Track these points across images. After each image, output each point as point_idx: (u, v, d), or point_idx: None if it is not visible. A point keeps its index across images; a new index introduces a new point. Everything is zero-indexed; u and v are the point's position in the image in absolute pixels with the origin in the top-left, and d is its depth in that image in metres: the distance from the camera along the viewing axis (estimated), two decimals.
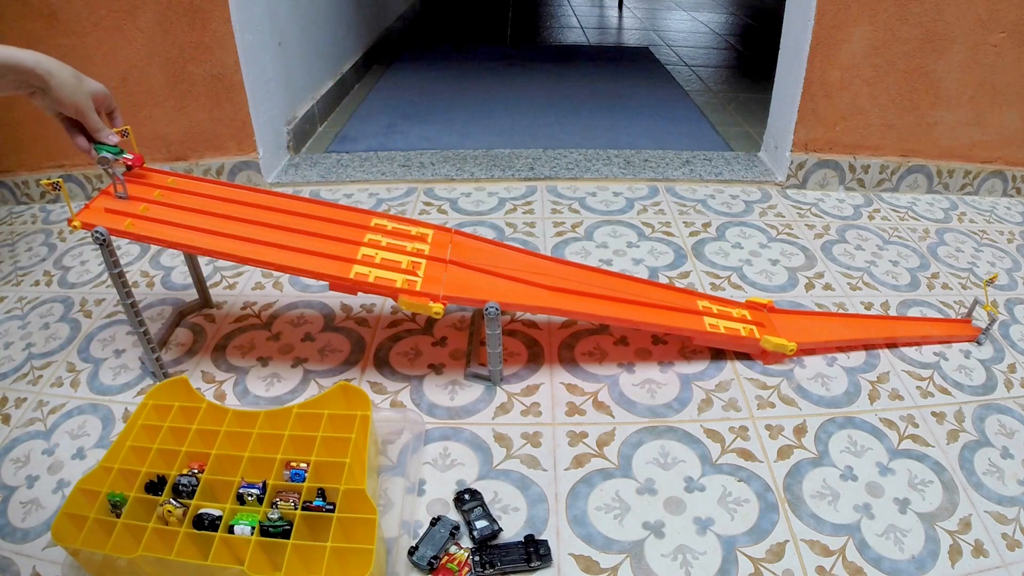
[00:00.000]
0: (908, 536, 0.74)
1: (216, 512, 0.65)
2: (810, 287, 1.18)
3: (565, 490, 0.79)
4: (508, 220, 1.38)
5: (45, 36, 1.33)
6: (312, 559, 0.62)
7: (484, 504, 0.76)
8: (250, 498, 0.67)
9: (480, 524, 0.73)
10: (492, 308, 0.85)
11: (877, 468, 0.83)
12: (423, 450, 0.84)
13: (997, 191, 1.54)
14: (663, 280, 1.19)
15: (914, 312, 1.13)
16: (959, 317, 1.11)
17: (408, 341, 1.04)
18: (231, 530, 0.64)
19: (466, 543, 0.72)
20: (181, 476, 0.69)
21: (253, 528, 0.63)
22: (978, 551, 0.73)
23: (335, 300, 1.13)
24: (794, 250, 1.29)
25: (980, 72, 1.39)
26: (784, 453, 0.84)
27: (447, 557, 0.70)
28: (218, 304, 1.13)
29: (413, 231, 0.96)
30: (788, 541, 0.74)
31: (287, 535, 0.63)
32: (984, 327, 1.05)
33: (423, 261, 0.90)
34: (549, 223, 1.37)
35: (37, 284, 1.23)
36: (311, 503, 0.66)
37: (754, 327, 0.99)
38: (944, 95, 1.42)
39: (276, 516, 0.65)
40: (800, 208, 1.46)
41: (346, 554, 0.62)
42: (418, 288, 0.85)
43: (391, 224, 0.96)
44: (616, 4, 3.86)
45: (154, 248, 1.31)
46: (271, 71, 1.54)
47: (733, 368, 0.98)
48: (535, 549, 0.71)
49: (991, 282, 1.16)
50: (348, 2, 2.20)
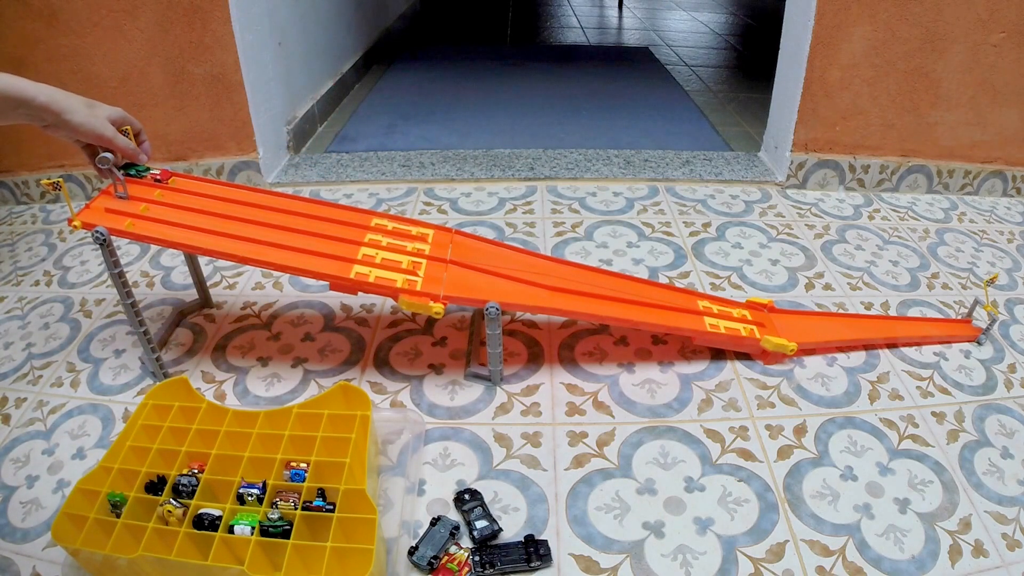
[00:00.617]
0: (908, 536, 0.74)
1: (216, 512, 0.65)
2: (810, 287, 1.18)
3: (565, 490, 0.79)
4: (508, 220, 1.38)
5: (45, 36, 1.33)
6: (312, 559, 0.62)
7: (484, 504, 0.76)
8: (250, 498, 0.67)
9: (480, 524, 0.73)
10: (492, 308, 0.85)
11: (877, 468, 0.83)
12: (423, 450, 0.84)
13: (997, 191, 1.54)
14: (663, 280, 1.19)
15: (914, 312, 1.13)
16: (959, 317, 1.11)
17: (408, 341, 1.04)
18: (231, 530, 0.64)
19: (466, 543, 0.72)
20: (181, 476, 0.69)
21: (253, 528, 0.63)
22: (978, 551, 0.73)
23: (335, 300, 1.13)
24: (794, 250, 1.29)
25: (980, 72, 1.39)
26: (784, 453, 0.84)
27: (447, 557, 0.70)
28: (218, 304, 1.13)
29: (413, 231, 0.96)
30: (788, 541, 0.74)
31: (287, 535, 0.63)
32: (984, 327, 1.05)
33: (423, 261, 0.90)
34: (549, 223, 1.37)
35: (37, 284, 1.23)
36: (311, 503, 0.66)
37: (754, 327, 0.99)
38: (944, 95, 1.42)
39: (276, 516, 0.65)
40: (800, 208, 1.46)
41: (346, 554, 0.62)
42: (418, 288, 0.85)
43: (391, 224, 0.96)
44: (616, 4, 3.86)
45: (154, 248, 1.31)
46: (271, 71, 1.54)
47: (733, 368, 0.98)
48: (535, 549, 0.71)
49: (991, 282, 1.16)
50: (348, 2, 2.20)
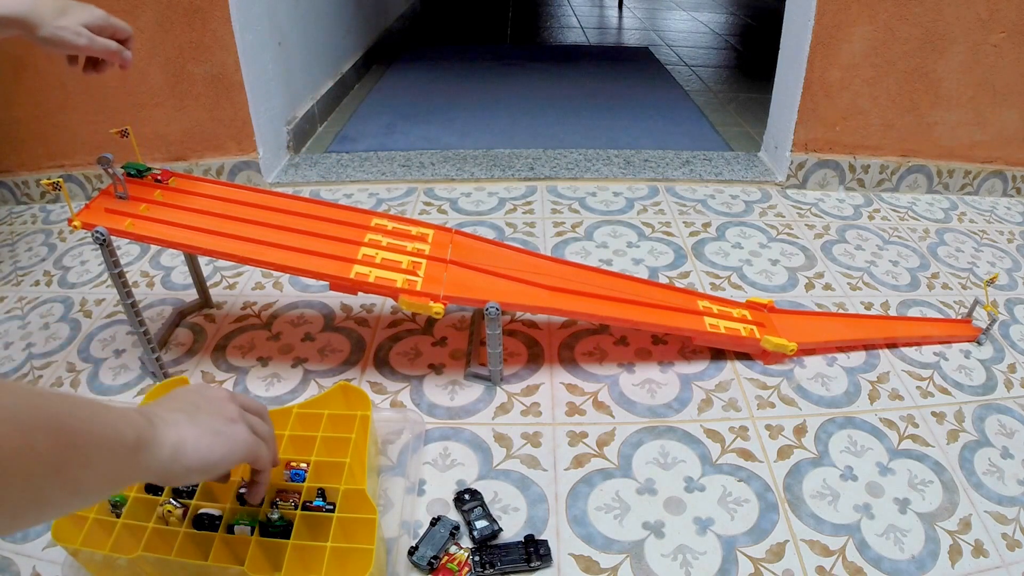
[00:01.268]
0: (908, 536, 0.74)
1: (216, 512, 0.65)
2: (810, 287, 1.18)
3: (565, 490, 0.79)
4: (508, 220, 1.38)
5: None
6: (312, 559, 0.62)
7: (484, 504, 0.76)
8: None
9: (480, 524, 0.73)
10: (492, 308, 0.85)
11: (877, 468, 0.83)
12: (423, 450, 0.84)
13: (997, 191, 1.54)
14: (663, 280, 1.19)
15: (914, 312, 1.13)
16: (959, 317, 1.11)
17: (408, 341, 1.04)
18: (231, 530, 0.64)
19: (466, 543, 0.72)
20: None
21: (253, 528, 0.63)
22: (978, 551, 0.73)
23: (335, 300, 1.13)
24: (794, 250, 1.29)
25: (980, 72, 1.39)
26: (784, 453, 0.84)
27: (447, 557, 0.70)
28: (218, 304, 1.13)
29: (413, 231, 0.96)
30: (788, 541, 0.74)
31: (287, 535, 0.63)
32: (984, 327, 1.05)
33: (423, 261, 0.90)
34: (549, 223, 1.37)
35: (37, 284, 1.23)
36: (311, 503, 0.66)
37: (754, 327, 0.99)
38: (944, 95, 1.42)
39: (276, 516, 0.65)
40: (800, 208, 1.45)
41: (346, 554, 0.62)
42: (418, 288, 0.85)
43: (391, 224, 0.96)
44: (616, 4, 3.86)
45: (154, 248, 1.31)
46: (271, 71, 1.54)
47: (733, 368, 0.98)
48: (535, 549, 0.71)
49: (991, 282, 1.16)
50: (348, 2, 2.20)
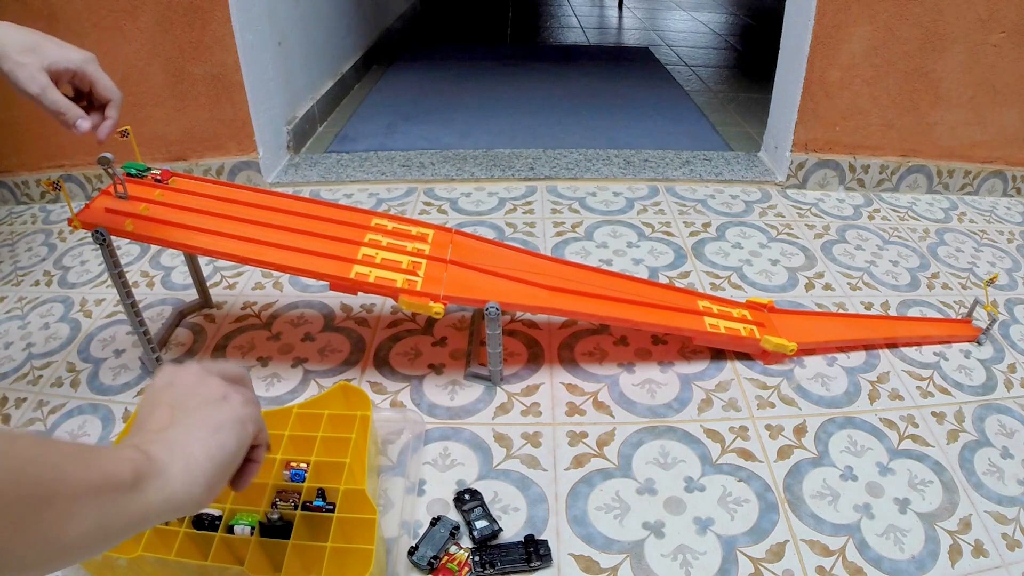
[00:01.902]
0: (908, 536, 0.74)
1: (216, 512, 0.65)
2: (810, 287, 1.18)
3: (565, 490, 0.79)
4: (508, 220, 1.38)
5: None
6: (312, 559, 0.62)
7: (484, 504, 0.76)
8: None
9: (480, 524, 0.73)
10: (492, 308, 0.85)
11: (877, 468, 0.83)
12: (423, 450, 0.84)
13: (997, 191, 1.54)
14: (663, 280, 1.19)
15: (914, 312, 1.13)
16: (959, 317, 1.11)
17: (408, 341, 1.04)
18: (231, 530, 0.64)
19: (466, 543, 0.72)
20: None
21: (253, 528, 0.63)
22: (978, 551, 0.73)
23: (335, 300, 1.13)
24: (794, 250, 1.29)
25: (980, 72, 1.39)
26: (784, 453, 0.84)
27: (447, 557, 0.70)
28: (218, 304, 1.13)
29: (413, 231, 0.96)
30: (788, 541, 0.74)
31: (287, 535, 0.63)
32: (984, 327, 1.05)
33: (423, 261, 0.90)
34: (549, 223, 1.37)
35: (37, 284, 1.23)
36: (311, 503, 0.66)
37: (754, 327, 0.99)
38: (944, 95, 1.42)
39: (276, 516, 0.65)
40: (800, 208, 1.45)
41: (346, 554, 0.62)
42: (418, 288, 0.85)
43: (391, 224, 0.96)
44: (616, 4, 3.86)
45: (154, 248, 1.31)
46: (271, 71, 1.54)
47: (733, 368, 0.98)
48: (535, 549, 0.71)
49: (991, 282, 1.16)
50: (348, 2, 2.20)
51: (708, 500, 0.78)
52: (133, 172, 0.89)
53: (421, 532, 0.73)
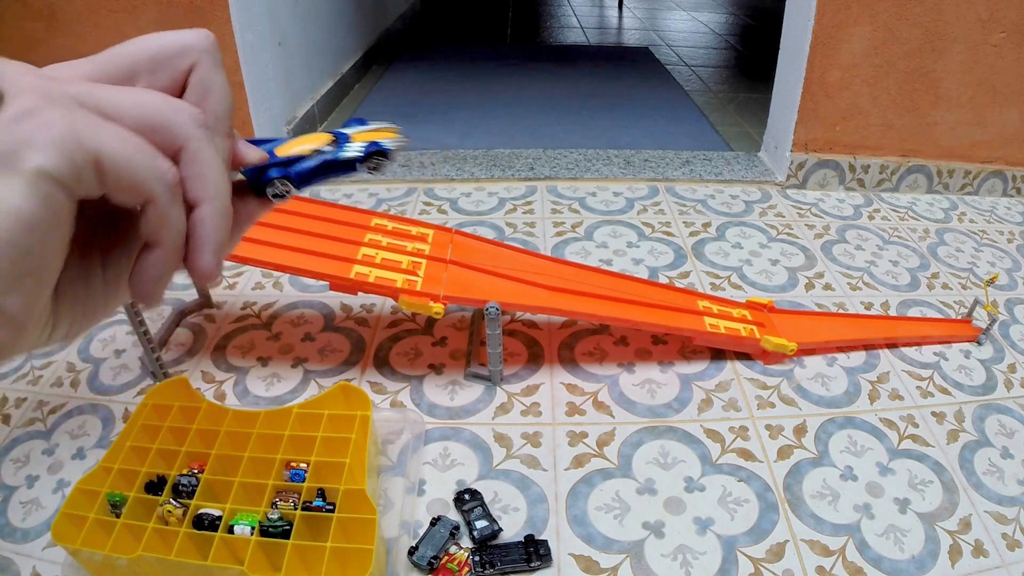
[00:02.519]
0: (908, 536, 0.74)
1: (216, 512, 0.65)
2: (810, 287, 1.18)
3: (565, 490, 0.79)
4: (508, 220, 1.38)
5: (45, 37, 1.33)
6: (312, 559, 0.62)
7: (484, 504, 0.76)
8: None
9: (480, 524, 0.73)
10: (492, 308, 0.85)
11: (877, 468, 0.83)
12: (423, 450, 0.84)
13: (997, 191, 1.54)
14: (663, 280, 1.19)
15: (914, 312, 1.13)
16: (959, 317, 1.11)
17: (408, 341, 1.04)
18: (231, 530, 0.64)
19: (466, 543, 0.72)
20: (181, 476, 0.69)
21: (253, 528, 0.63)
22: (978, 551, 0.73)
23: (335, 300, 1.13)
24: (794, 250, 1.29)
25: (980, 72, 1.39)
26: (784, 453, 0.84)
27: (447, 557, 0.70)
28: (218, 304, 1.13)
29: (413, 231, 0.96)
30: (788, 541, 0.74)
31: (287, 535, 0.63)
32: (984, 327, 1.05)
33: (423, 261, 0.90)
34: (549, 223, 1.37)
35: None
36: (311, 503, 0.66)
37: (754, 327, 0.99)
38: (944, 95, 1.42)
39: (276, 516, 0.65)
40: (800, 208, 1.45)
41: (346, 554, 0.62)
42: (418, 288, 0.85)
43: (391, 224, 0.96)
44: (616, 4, 3.86)
45: None
46: (271, 71, 1.54)
47: (733, 368, 0.98)
48: (535, 549, 0.71)
49: (991, 282, 1.16)
50: (348, 2, 2.20)
51: (708, 500, 0.78)
52: None
53: (421, 532, 0.73)
